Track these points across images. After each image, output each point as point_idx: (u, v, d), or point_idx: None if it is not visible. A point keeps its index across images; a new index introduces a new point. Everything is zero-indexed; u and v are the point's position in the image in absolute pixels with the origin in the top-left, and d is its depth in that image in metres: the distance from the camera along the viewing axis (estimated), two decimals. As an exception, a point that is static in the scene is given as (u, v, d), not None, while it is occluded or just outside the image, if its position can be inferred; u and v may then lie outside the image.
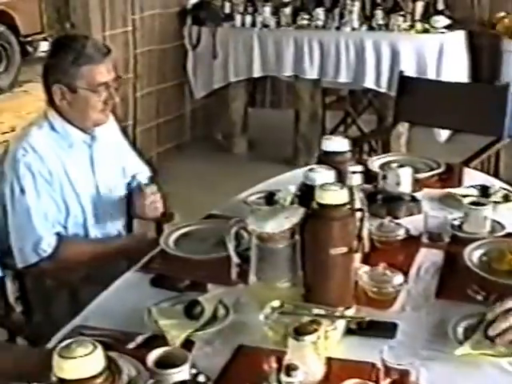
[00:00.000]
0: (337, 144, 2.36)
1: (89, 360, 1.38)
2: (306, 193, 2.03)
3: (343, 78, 5.70)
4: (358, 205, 2.16)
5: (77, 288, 2.51)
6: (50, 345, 1.93)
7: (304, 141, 6.13)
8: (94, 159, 2.73)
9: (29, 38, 10.26)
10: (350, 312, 1.95)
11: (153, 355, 1.69)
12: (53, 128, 2.63)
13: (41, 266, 2.56)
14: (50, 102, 2.65)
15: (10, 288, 2.72)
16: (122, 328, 1.96)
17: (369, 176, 2.85)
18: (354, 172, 2.22)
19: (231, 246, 2.07)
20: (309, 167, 2.21)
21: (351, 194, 2.14)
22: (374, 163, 3.12)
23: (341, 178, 2.21)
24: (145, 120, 6.14)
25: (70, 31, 5.22)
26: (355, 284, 2.03)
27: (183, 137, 6.74)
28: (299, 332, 1.64)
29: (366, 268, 2.12)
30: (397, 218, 2.56)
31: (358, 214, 2.00)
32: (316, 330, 1.66)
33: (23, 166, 2.52)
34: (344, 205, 1.88)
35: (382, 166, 3.02)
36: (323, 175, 2.09)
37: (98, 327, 1.98)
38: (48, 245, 2.55)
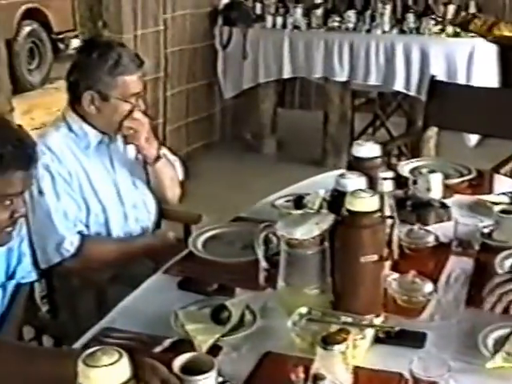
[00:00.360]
0: (367, 149, 2.32)
1: (114, 369, 1.36)
2: (337, 199, 1.99)
3: (373, 80, 5.65)
4: (388, 212, 2.14)
5: (103, 288, 2.49)
6: (76, 345, 1.92)
7: (333, 142, 6.10)
8: (113, 159, 2.73)
9: (61, 36, 10.31)
10: (379, 320, 1.91)
11: (179, 361, 1.66)
12: (70, 129, 2.61)
13: (66, 266, 2.55)
14: (73, 104, 2.63)
15: (37, 287, 2.72)
16: (148, 331, 1.94)
17: (399, 181, 2.82)
18: (384, 178, 2.18)
19: (260, 251, 2.05)
20: (340, 172, 2.17)
21: (382, 201, 2.13)
22: (404, 168, 3.07)
23: (372, 185, 2.17)
24: (175, 119, 6.14)
25: (102, 30, 5.23)
26: (384, 292, 2.00)
27: (213, 136, 6.73)
28: (328, 341, 1.60)
29: (396, 275, 2.08)
30: (426, 224, 2.52)
31: (389, 221, 1.97)
32: (345, 340, 1.63)
33: (41, 167, 2.49)
34: (375, 212, 1.85)
35: (412, 171, 2.98)
36: (355, 181, 2.05)
37: (124, 330, 1.96)
38: (70, 244, 2.53)
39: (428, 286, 2.02)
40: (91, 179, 2.63)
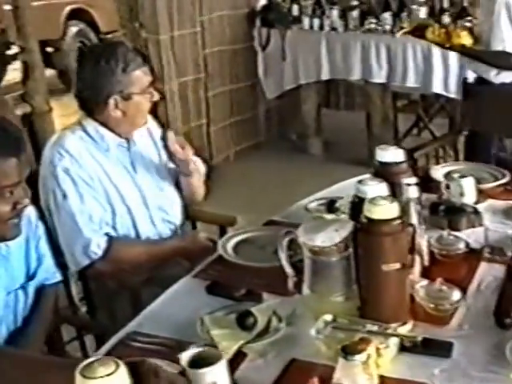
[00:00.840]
0: (392, 154, 2.28)
1: (111, 380, 1.35)
2: (358, 205, 1.95)
3: (411, 82, 5.57)
4: (413, 218, 2.10)
5: (137, 290, 2.48)
6: (103, 349, 1.92)
7: (377, 143, 5.94)
8: (134, 162, 2.71)
9: (109, 35, 10.38)
10: (406, 328, 1.88)
11: (186, 355, 1.64)
12: (86, 132, 2.60)
13: (98, 268, 2.54)
14: (89, 111, 2.62)
15: (75, 289, 2.73)
16: (175, 336, 1.94)
17: (429, 185, 2.79)
18: (408, 184, 2.13)
19: (283, 257, 2.02)
20: (360, 178, 2.14)
21: (406, 208, 2.09)
22: (438, 172, 3.02)
23: (395, 191, 2.13)
24: (218, 119, 6.15)
25: (139, 31, 5.24)
26: (412, 299, 1.97)
27: (258, 136, 6.69)
28: (348, 351, 1.58)
29: (424, 282, 2.05)
30: (458, 230, 2.47)
31: (411, 230, 1.93)
32: (365, 349, 1.60)
33: (61, 171, 2.50)
34: (394, 219, 1.81)
35: (447, 175, 2.93)
36: (375, 188, 2.01)
37: (151, 334, 1.97)
38: (98, 246, 2.52)
39: (456, 294, 1.98)
40: (114, 181, 2.62)
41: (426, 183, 2.86)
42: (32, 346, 2.11)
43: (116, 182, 2.62)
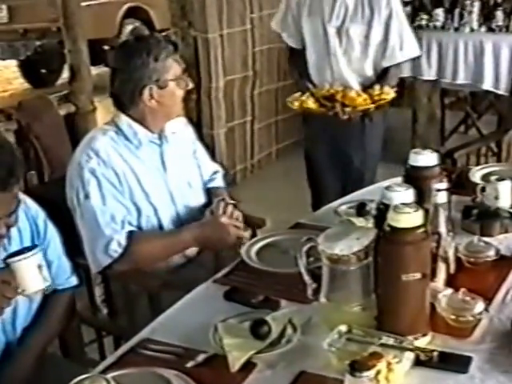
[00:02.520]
0: (425, 158, 2.18)
1: None
2: (383, 212, 1.86)
3: (461, 79, 5.41)
4: (441, 225, 2.00)
5: (157, 293, 2.43)
6: (119, 353, 1.87)
7: (421, 142, 5.87)
8: (164, 159, 2.66)
9: (164, 33, 10.39)
10: (424, 341, 1.79)
11: None
12: (119, 130, 2.57)
13: (117, 269, 2.49)
14: (123, 107, 2.59)
15: (98, 291, 2.70)
16: (187, 344, 1.88)
17: (466, 187, 2.70)
18: (438, 190, 2.03)
19: (302, 264, 1.94)
20: (387, 184, 2.04)
21: (434, 214, 1.99)
22: (476, 174, 2.90)
23: (425, 196, 2.03)
24: (263, 117, 6.07)
25: (188, 29, 5.20)
26: (433, 309, 1.87)
27: (301, 134, 6.60)
28: (356, 367, 1.49)
29: (448, 291, 1.95)
30: (490, 235, 2.37)
31: (437, 237, 1.83)
32: (375, 365, 1.51)
33: (87, 171, 2.47)
34: (418, 228, 1.71)
35: (484, 177, 2.81)
36: (401, 194, 1.92)
37: (162, 341, 1.91)
38: (118, 245, 2.47)
39: (479, 306, 1.87)
40: (141, 181, 2.57)
41: (463, 185, 2.77)
42: (27, 355, 2.07)
43: (144, 181, 2.58)
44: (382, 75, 3.69)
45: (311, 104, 3.59)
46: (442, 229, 2.02)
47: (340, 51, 3.63)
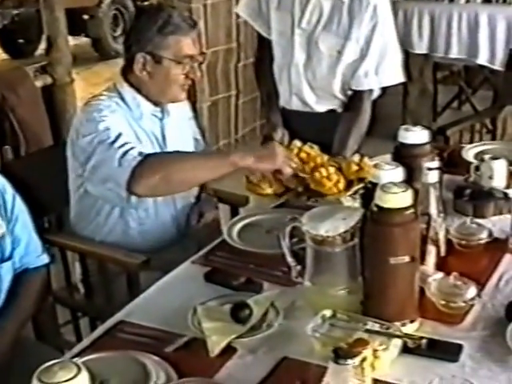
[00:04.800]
0: (415, 136, 2.15)
1: None
2: (371, 191, 1.82)
3: (454, 53, 5.35)
4: (431, 206, 1.97)
5: (136, 273, 2.40)
6: (88, 339, 1.84)
7: (412, 117, 5.85)
8: (165, 134, 2.63)
9: (146, 2, 10.31)
10: (412, 327, 1.76)
11: None
12: (122, 99, 2.53)
13: (143, 187, 2.25)
14: (125, 72, 2.56)
15: (77, 271, 2.67)
16: (164, 327, 1.85)
17: (458, 166, 2.69)
18: (429, 168, 2.00)
19: (285, 246, 1.91)
20: (375, 161, 2.01)
21: (424, 194, 1.96)
22: (469, 152, 2.87)
23: (415, 175, 2.00)
24: (248, 91, 6.01)
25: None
26: (422, 294, 1.84)
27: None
28: (340, 354, 1.46)
29: (438, 275, 1.92)
30: (483, 216, 2.34)
31: (427, 218, 1.80)
32: (360, 353, 1.48)
33: (102, 124, 2.37)
34: (406, 209, 1.68)
35: (478, 156, 2.78)
36: (390, 173, 1.89)
37: (139, 324, 1.88)
38: (133, 158, 2.26)
39: (471, 290, 1.84)
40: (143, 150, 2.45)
41: (455, 164, 2.74)
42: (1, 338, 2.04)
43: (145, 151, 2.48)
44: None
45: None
46: (433, 210, 2.00)
47: (302, 63, 3.07)
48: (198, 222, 2.76)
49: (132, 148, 2.30)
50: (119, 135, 2.34)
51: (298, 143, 2.28)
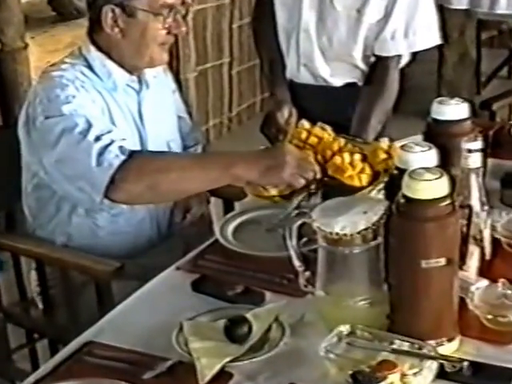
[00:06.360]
0: (453, 110, 2.18)
1: None
2: (397, 179, 1.85)
3: (502, 8, 5.42)
4: (473, 197, 2.00)
5: (108, 283, 2.43)
6: (50, 364, 1.87)
7: (450, 89, 5.94)
8: (142, 108, 2.66)
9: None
10: (451, 347, 1.79)
11: None
12: (89, 67, 2.55)
13: (122, 192, 2.31)
14: (91, 33, 2.57)
15: (33, 281, 2.69)
16: (143, 349, 1.88)
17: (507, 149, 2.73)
18: (470, 150, 2.02)
19: (291, 247, 1.94)
20: (403, 142, 2.03)
21: (464, 182, 1.99)
22: (520, 131, 2.92)
23: (452, 159, 2.04)
24: (244, 58, 6.14)
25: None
26: (463, 306, 1.87)
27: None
28: (360, 379, 1.49)
29: (483, 283, 1.96)
30: (537, 210, 2.38)
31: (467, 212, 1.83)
32: (385, 378, 1.52)
33: (65, 103, 2.39)
34: (441, 199, 1.70)
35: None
36: (421, 156, 1.91)
37: (112, 345, 1.91)
38: (115, 155, 2.29)
39: (525, 301, 1.88)
40: (117, 126, 2.51)
41: (503, 145, 2.78)
42: None
43: (119, 128, 2.53)
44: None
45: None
46: (475, 201, 2.03)
47: (313, 27, 3.08)
48: (183, 218, 2.80)
49: (112, 142, 2.32)
50: (91, 123, 2.36)
51: (306, 124, 2.31)
